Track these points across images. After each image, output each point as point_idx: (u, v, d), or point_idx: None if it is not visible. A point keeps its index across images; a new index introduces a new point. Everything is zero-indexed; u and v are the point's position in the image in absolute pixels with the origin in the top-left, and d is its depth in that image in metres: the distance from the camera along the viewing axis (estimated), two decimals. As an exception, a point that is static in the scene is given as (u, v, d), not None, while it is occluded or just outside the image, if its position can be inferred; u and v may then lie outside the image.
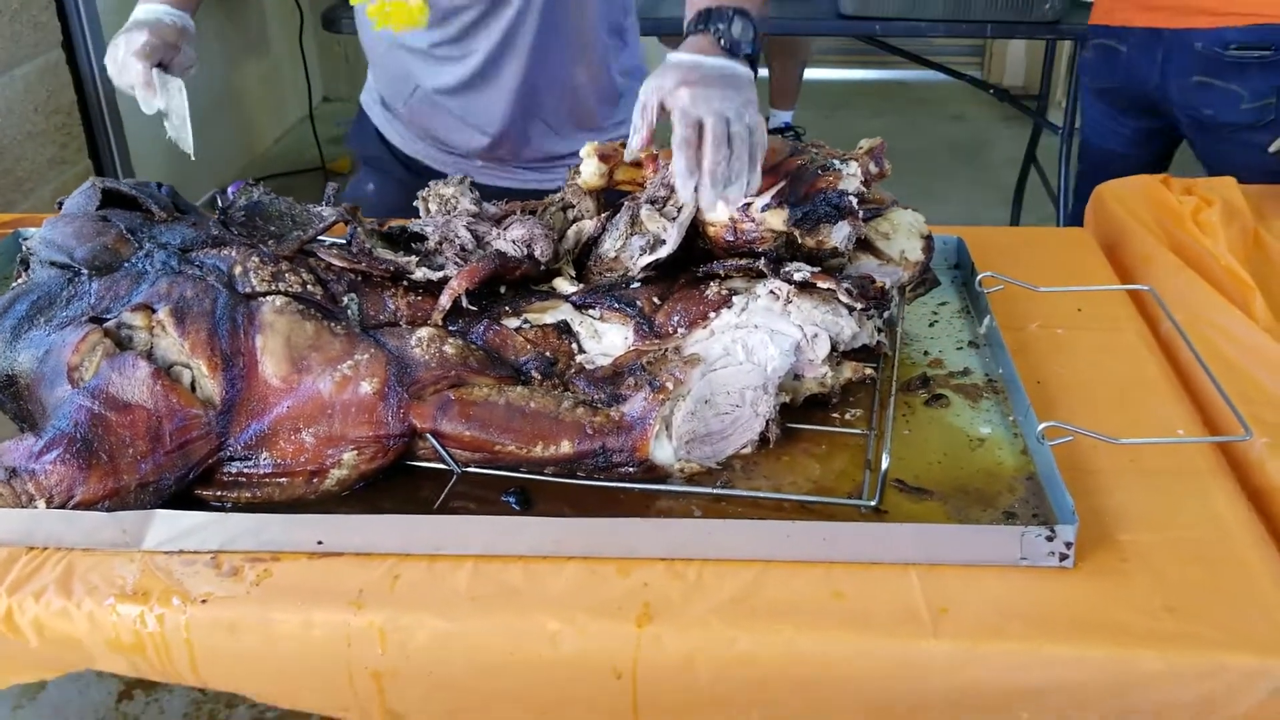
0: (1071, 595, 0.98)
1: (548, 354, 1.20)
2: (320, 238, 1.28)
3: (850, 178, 1.22)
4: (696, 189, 1.14)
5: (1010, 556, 1.00)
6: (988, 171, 4.37)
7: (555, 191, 1.37)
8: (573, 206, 1.34)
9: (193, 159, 1.48)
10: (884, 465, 1.05)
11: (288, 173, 4.16)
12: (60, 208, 1.30)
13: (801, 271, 1.19)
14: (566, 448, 1.09)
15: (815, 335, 1.18)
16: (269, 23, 4.26)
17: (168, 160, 3.02)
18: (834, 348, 1.19)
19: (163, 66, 1.46)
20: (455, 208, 1.30)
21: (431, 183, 1.34)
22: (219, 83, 3.99)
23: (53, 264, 1.19)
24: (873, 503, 1.06)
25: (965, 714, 0.95)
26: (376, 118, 1.83)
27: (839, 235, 1.22)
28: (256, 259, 1.18)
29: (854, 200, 1.21)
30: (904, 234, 1.31)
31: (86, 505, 1.03)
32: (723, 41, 1.19)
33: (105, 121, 2.47)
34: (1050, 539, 0.99)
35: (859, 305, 1.19)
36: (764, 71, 4.58)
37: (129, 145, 2.62)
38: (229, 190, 1.42)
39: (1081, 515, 1.00)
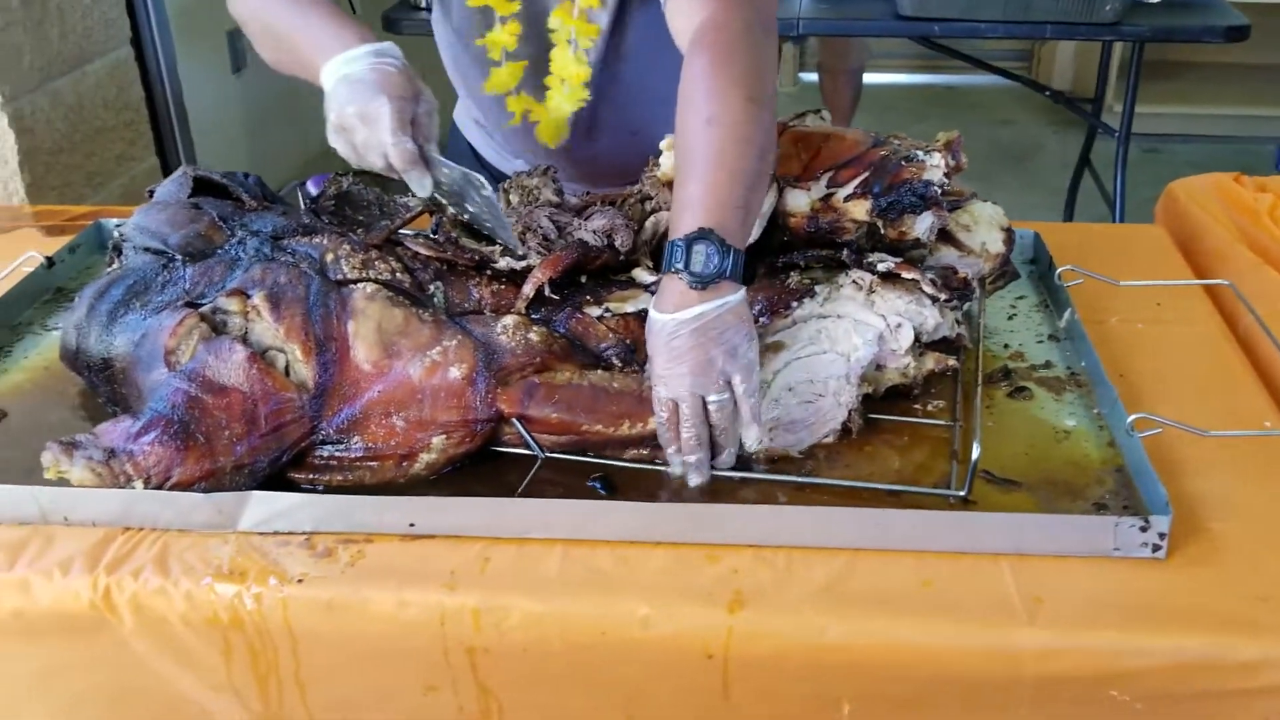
0: (1165, 585, 0.97)
1: (628, 341, 1.20)
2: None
3: (934, 169, 1.22)
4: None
5: (1103, 547, 1.00)
6: (1038, 176, 4.34)
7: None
8: (651, 198, 1.35)
9: (519, 253, 1.25)
10: (975, 454, 1.05)
11: (342, 173, 4.20)
12: (151, 195, 1.32)
13: (885, 262, 1.19)
14: (653, 424, 1.10)
15: (899, 325, 1.18)
16: (323, 25, 4.30)
17: (230, 158, 3.06)
18: (917, 338, 1.19)
19: (413, 122, 1.19)
20: (538, 198, 1.31)
21: (514, 173, 1.35)
22: (276, 83, 4.03)
23: (147, 250, 1.21)
24: (962, 493, 1.06)
25: (1057, 701, 0.95)
26: (472, 136, 1.74)
27: (922, 226, 1.22)
28: (347, 247, 1.20)
29: (939, 191, 1.21)
30: (985, 226, 1.31)
31: (183, 486, 1.05)
32: (689, 284, 1.04)
33: (172, 119, 2.51)
34: (1144, 529, 0.98)
35: (943, 296, 1.19)
36: (813, 76, 4.57)
37: (194, 143, 2.66)
38: (308, 183, 1.44)
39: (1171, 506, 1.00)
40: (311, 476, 1.10)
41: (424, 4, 2.87)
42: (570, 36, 1.35)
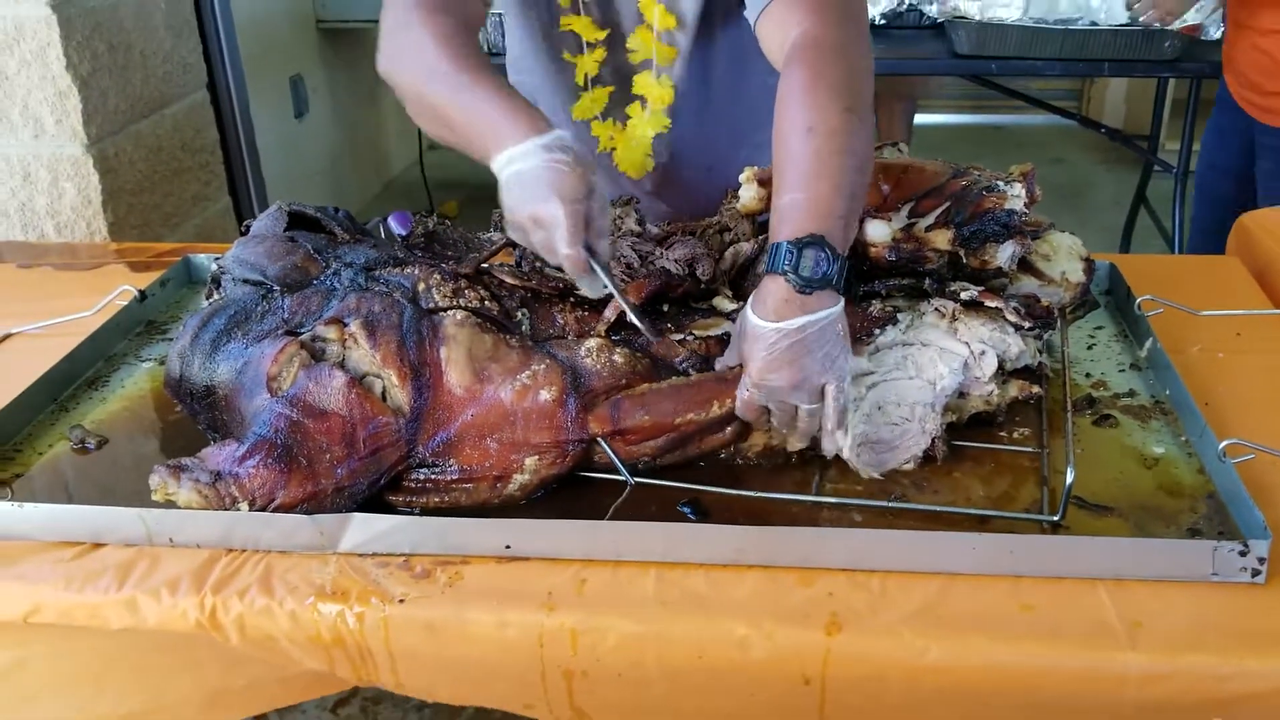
0: (1264, 609, 0.97)
1: (703, 354, 1.21)
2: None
3: (1015, 198, 1.24)
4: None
5: (1201, 572, 0.99)
6: (1091, 214, 4.33)
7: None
8: (730, 229, 1.37)
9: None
10: (1069, 479, 1.05)
11: (426, 214, 4.27)
12: (247, 230, 1.36)
13: (969, 290, 1.20)
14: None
15: (983, 353, 1.19)
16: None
17: (299, 199, 3.13)
18: (1001, 366, 1.20)
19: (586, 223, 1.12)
20: (620, 228, 1.34)
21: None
22: (334, 129, 4.13)
23: (246, 281, 1.25)
24: (1055, 518, 1.06)
25: (1158, 727, 0.95)
26: None
27: (1004, 255, 1.23)
28: (438, 276, 1.22)
29: (1021, 220, 1.22)
30: (1064, 255, 1.31)
31: (286, 508, 1.07)
32: (796, 287, 1.06)
33: (244, 160, 2.57)
34: (1243, 554, 0.98)
35: (1026, 324, 1.20)
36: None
37: (266, 184, 2.72)
38: (390, 219, 1.48)
39: (1268, 531, 1.00)
40: (408, 499, 1.12)
41: (495, 49, 2.93)
42: (650, 57, 1.37)
